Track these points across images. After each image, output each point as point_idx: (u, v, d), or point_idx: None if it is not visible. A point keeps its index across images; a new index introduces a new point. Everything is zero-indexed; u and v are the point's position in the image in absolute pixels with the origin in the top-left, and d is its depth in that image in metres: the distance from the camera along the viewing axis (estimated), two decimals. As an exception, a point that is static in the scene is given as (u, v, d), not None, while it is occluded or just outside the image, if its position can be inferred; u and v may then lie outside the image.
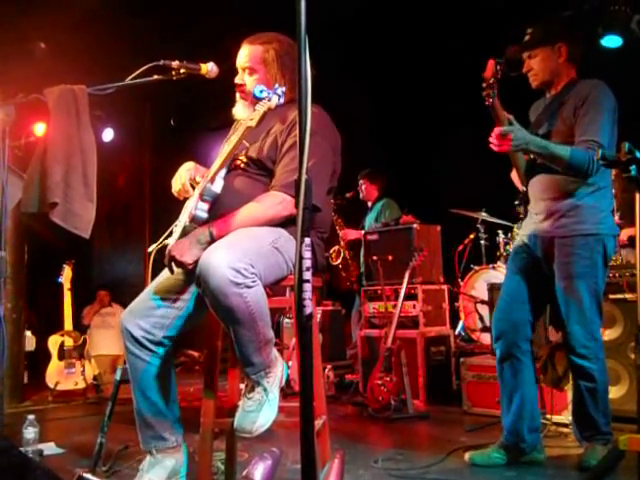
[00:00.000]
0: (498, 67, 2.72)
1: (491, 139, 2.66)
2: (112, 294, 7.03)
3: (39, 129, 5.20)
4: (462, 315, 5.48)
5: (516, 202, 2.99)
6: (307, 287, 1.35)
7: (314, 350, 1.67)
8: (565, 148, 2.68)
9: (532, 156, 2.89)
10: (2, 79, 5.11)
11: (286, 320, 5.35)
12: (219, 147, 2.61)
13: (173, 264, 2.20)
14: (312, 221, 2.30)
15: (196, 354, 6.74)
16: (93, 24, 5.11)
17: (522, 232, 3.03)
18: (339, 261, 5.97)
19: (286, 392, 4.60)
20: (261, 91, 2.16)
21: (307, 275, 1.35)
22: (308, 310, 1.35)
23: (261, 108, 2.15)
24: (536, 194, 2.95)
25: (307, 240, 1.36)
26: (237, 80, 2.55)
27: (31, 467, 1.52)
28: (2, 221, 2.39)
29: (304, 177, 1.35)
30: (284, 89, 2.16)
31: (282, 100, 2.16)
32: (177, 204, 2.67)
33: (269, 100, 2.14)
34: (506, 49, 3.00)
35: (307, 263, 1.36)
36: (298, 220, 1.35)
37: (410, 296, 4.66)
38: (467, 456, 2.96)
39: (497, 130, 2.65)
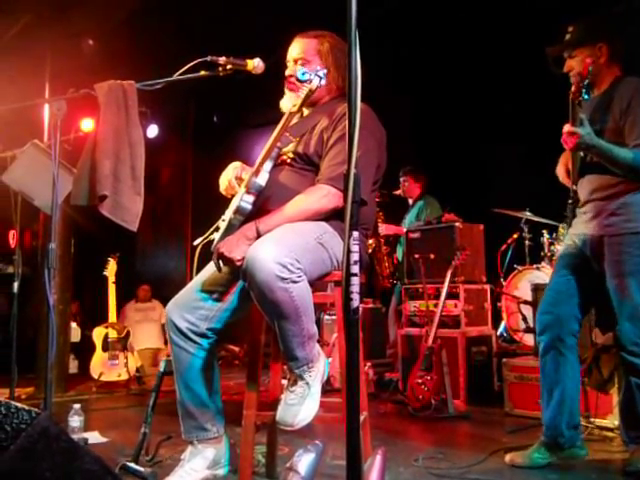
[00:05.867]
0: (590, 69, 2.72)
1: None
2: (153, 289, 7.13)
3: (86, 125, 5.30)
4: (504, 315, 5.41)
5: (569, 202, 2.94)
6: (354, 281, 1.35)
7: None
8: (627, 152, 2.66)
9: (589, 158, 2.85)
10: (53, 75, 5.23)
11: (326, 316, 5.35)
12: (262, 144, 2.62)
13: (221, 261, 2.22)
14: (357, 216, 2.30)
15: (236, 349, 6.80)
16: (140, 20, 5.19)
17: (572, 231, 2.98)
18: (370, 251, 5.92)
19: (325, 388, 4.60)
20: (303, 73, 2.17)
21: (354, 269, 1.35)
22: (355, 304, 1.35)
23: (302, 92, 2.16)
24: (585, 194, 2.92)
25: (355, 234, 1.36)
26: (287, 72, 2.55)
27: (80, 453, 1.54)
28: (54, 214, 2.45)
29: (353, 170, 1.35)
30: (325, 71, 2.16)
31: (323, 82, 2.16)
32: (219, 201, 2.69)
33: (310, 82, 2.14)
34: (546, 48, 2.98)
35: (355, 257, 1.36)
36: (346, 213, 1.35)
37: (452, 295, 4.61)
38: (508, 457, 2.93)
39: (567, 128, 2.67)
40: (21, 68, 5.31)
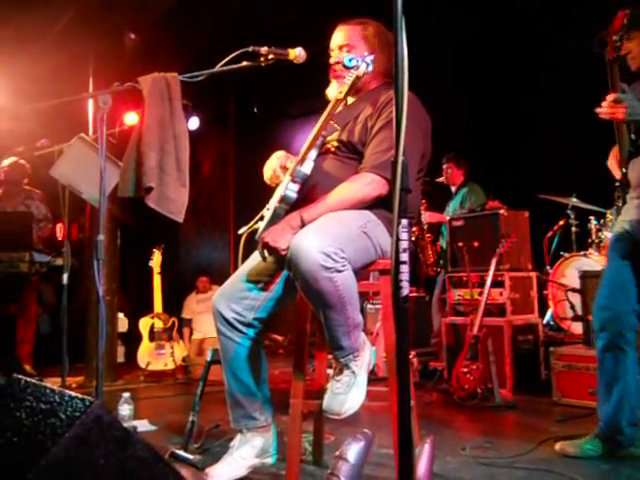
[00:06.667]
0: (625, 21, 2.56)
1: (602, 105, 2.53)
2: (212, 279, 7.09)
3: (130, 118, 5.36)
4: (551, 304, 5.32)
5: (617, 185, 2.84)
6: (404, 268, 1.34)
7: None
8: None
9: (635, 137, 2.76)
10: (96, 70, 5.31)
11: (369, 305, 5.34)
12: (302, 134, 2.61)
13: (265, 250, 2.23)
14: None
15: (280, 338, 6.83)
16: (182, 12, 5.22)
17: (622, 218, 2.90)
18: (413, 239, 5.87)
19: (370, 377, 4.59)
20: (350, 59, 2.16)
21: (404, 256, 1.34)
22: (405, 292, 1.34)
23: (349, 79, 2.14)
24: (635, 178, 2.82)
25: (404, 221, 1.34)
26: (332, 59, 2.54)
27: (132, 441, 1.57)
28: (101, 206, 2.49)
29: (401, 157, 1.34)
30: (373, 57, 2.14)
31: (370, 68, 2.14)
32: (260, 192, 2.69)
33: (357, 69, 2.12)
34: (601, 32, 2.87)
35: (404, 244, 1.34)
36: (395, 201, 1.34)
37: (497, 283, 4.55)
38: (558, 446, 2.88)
39: (611, 96, 2.53)
40: (65, 64, 5.41)
